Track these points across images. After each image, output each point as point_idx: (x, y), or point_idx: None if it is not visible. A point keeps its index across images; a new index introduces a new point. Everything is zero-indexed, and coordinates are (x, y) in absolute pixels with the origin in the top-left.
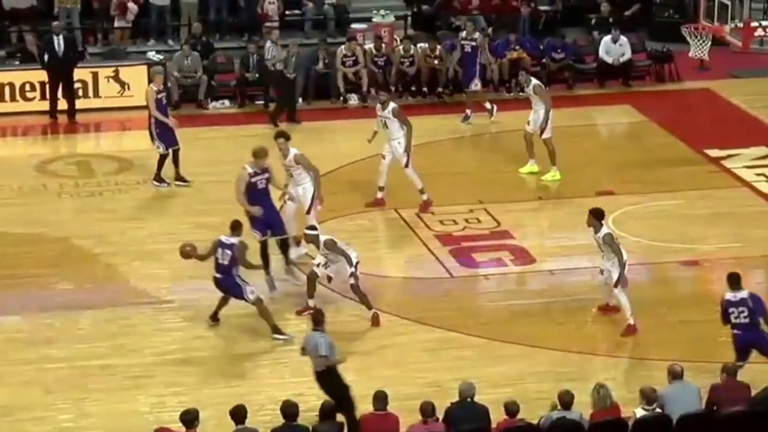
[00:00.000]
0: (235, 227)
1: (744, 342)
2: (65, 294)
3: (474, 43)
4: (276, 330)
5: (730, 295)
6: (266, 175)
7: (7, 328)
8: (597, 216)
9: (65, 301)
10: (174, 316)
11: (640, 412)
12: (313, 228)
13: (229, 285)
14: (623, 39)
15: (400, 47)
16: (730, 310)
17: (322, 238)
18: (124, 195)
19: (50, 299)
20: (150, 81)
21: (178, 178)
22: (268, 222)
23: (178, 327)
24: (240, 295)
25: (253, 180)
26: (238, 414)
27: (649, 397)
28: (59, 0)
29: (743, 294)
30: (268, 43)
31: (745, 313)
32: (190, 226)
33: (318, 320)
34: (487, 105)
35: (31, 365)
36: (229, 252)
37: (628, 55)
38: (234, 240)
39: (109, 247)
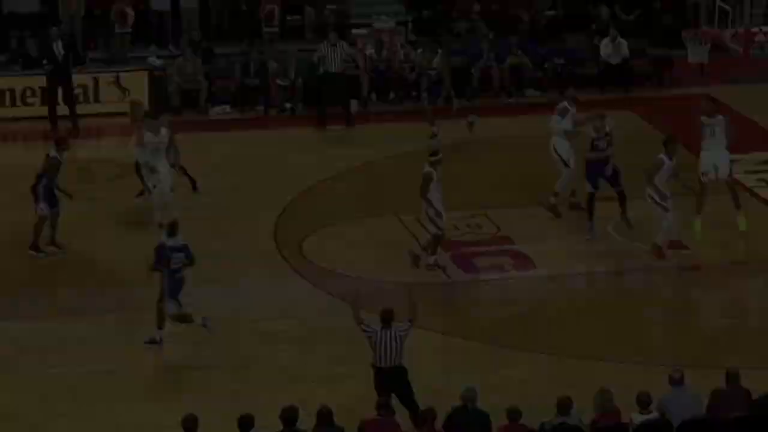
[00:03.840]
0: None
1: None
2: (66, 300)
3: None
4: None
5: None
6: None
7: (6, 334)
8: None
9: (65, 307)
10: None
11: (637, 417)
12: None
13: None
14: (620, 39)
15: (401, 52)
16: None
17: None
18: (125, 200)
19: (50, 305)
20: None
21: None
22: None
23: (179, 333)
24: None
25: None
26: (245, 423)
27: (643, 402)
28: (63, 6)
29: None
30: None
31: None
32: (190, 232)
33: (388, 319)
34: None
35: (30, 372)
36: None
37: (626, 52)
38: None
39: (110, 253)
